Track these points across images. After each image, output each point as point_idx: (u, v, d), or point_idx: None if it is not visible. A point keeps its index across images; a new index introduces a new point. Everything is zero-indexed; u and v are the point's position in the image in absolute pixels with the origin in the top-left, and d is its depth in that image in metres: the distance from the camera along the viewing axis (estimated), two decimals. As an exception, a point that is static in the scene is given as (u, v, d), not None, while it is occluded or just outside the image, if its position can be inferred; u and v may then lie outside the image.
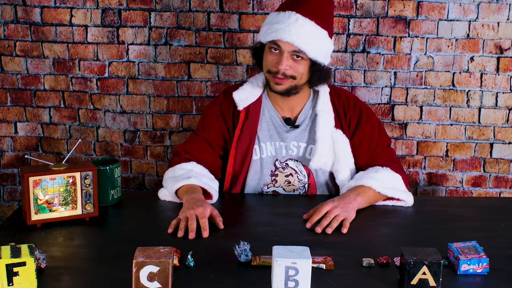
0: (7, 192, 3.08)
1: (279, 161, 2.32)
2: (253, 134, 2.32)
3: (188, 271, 1.65)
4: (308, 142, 2.32)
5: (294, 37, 2.14)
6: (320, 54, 2.20)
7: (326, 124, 2.29)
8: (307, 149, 2.32)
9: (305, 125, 2.34)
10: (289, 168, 2.33)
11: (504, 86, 2.86)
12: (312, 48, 2.16)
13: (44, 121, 2.99)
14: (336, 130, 2.31)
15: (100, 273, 1.65)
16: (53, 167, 1.98)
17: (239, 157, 2.33)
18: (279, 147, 2.33)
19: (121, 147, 3.00)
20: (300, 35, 2.14)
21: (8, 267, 1.50)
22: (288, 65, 2.18)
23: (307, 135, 2.33)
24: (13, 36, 2.90)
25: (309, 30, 2.17)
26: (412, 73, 2.86)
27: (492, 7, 2.78)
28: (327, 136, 2.29)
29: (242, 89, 2.33)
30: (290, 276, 1.50)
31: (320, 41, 2.20)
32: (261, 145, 2.33)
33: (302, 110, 2.35)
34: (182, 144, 2.39)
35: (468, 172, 2.96)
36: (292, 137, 2.32)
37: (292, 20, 2.17)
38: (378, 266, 1.70)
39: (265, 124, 2.34)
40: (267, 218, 2.10)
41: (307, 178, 2.32)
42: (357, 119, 2.34)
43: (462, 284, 1.63)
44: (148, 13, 2.85)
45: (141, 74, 2.92)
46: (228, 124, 2.35)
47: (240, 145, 2.32)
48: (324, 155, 2.28)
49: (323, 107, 2.31)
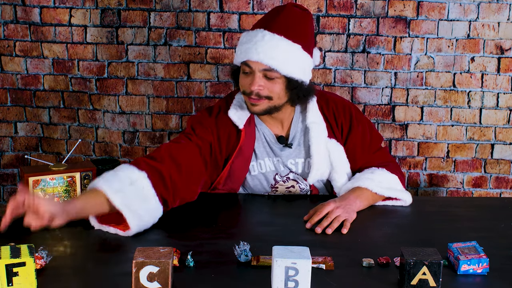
0: (7, 192, 3.08)
1: (279, 175, 2.29)
2: (250, 151, 2.23)
3: (188, 271, 1.65)
4: (305, 156, 2.26)
5: (261, 55, 2.01)
6: (295, 69, 2.06)
7: (319, 136, 2.21)
8: (305, 164, 2.27)
9: (298, 140, 2.26)
10: (291, 181, 2.30)
11: (505, 86, 2.86)
12: (283, 65, 2.03)
13: (44, 121, 2.99)
14: (330, 140, 2.23)
15: (100, 273, 1.65)
16: (53, 167, 1.97)
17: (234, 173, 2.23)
18: (277, 163, 2.26)
19: (120, 147, 3.00)
20: (267, 52, 2.01)
21: (7, 267, 1.49)
22: (261, 85, 2.05)
23: (303, 150, 2.26)
24: (12, 36, 2.90)
25: (278, 45, 2.03)
26: (413, 74, 2.86)
27: (492, 7, 2.77)
28: (322, 148, 2.21)
29: (234, 109, 2.19)
30: (290, 276, 1.50)
31: (294, 56, 2.06)
32: (259, 162, 2.26)
33: (292, 125, 2.25)
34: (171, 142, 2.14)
35: (469, 173, 2.96)
36: (287, 155, 2.26)
37: (258, 37, 2.04)
38: (378, 266, 1.70)
39: (261, 141, 2.25)
40: (267, 218, 2.09)
41: (308, 186, 2.30)
42: (348, 124, 2.26)
43: (462, 284, 1.63)
44: (147, 13, 2.85)
45: (141, 75, 2.91)
46: (221, 143, 2.18)
47: (237, 162, 2.21)
48: (321, 167, 2.23)
49: (314, 119, 2.21)
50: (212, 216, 2.10)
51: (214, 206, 2.16)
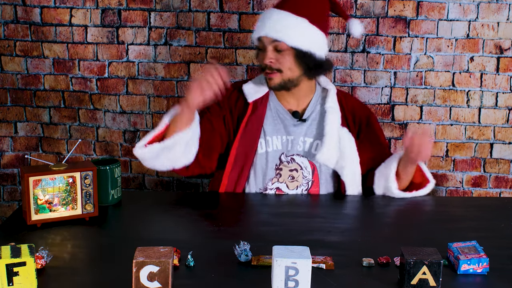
0: (7, 192, 3.08)
1: (285, 155, 2.34)
2: (259, 127, 2.33)
3: (188, 271, 1.65)
4: (315, 137, 2.35)
5: (268, 30, 2.21)
6: (302, 41, 2.22)
7: (335, 120, 2.33)
8: (313, 144, 2.35)
9: (312, 120, 2.37)
10: (295, 163, 2.34)
11: (504, 86, 2.86)
12: (289, 36, 2.20)
13: (44, 121, 2.99)
14: (342, 128, 2.34)
15: (100, 273, 1.65)
16: (53, 167, 1.97)
17: (243, 149, 2.33)
18: (286, 142, 2.35)
19: (121, 147, 3.00)
20: (274, 26, 2.21)
21: (8, 267, 1.50)
22: (271, 57, 2.23)
23: (315, 130, 2.36)
24: (13, 36, 2.90)
25: (283, 19, 2.22)
26: (412, 73, 2.86)
27: (492, 7, 2.78)
28: (335, 132, 2.32)
29: (252, 83, 2.39)
30: (290, 276, 1.50)
31: (300, 29, 2.22)
32: (267, 139, 2.34)
33: (309, 105, 2.38)
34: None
35: (468, 172, 2.96)
36: (299, 132, 2.35)
37: (267, 15, 2.26)
38: (378, 266, 1.70)
39: (271, 118, 2.36)
40: (267, 218, 2.10)
41: (311, 175, 2.33)
42: (366, 121, 2.41)
43: (462, 284, 1.63)
44: (148, 13, 2.85)
45: (141, 74, 2.92)
46: (233, 115, 2.36)
47: (245, 137, 2.33)
48: (331, 149, 2.31)
49: (332, 104, 2.35)
50: (212, 216, 2.11)
51: (214, 206, 2.16)
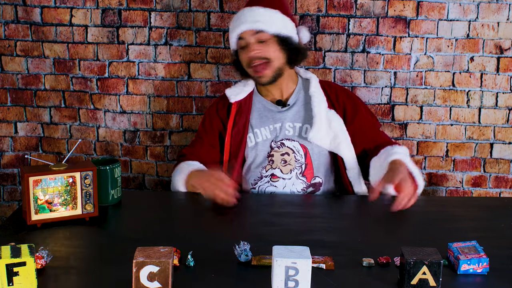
0: (7, 192, 3.08)
1: (274, 141, 2.41)
2: (246, 124, 2.42)
3: (188, 271, 1.65)
4: (303, 121, 2.42)
5: (248, 24, 2.32)
6: (281, 28, 2.33)
7: (321, 103, 2.40)
8: (303, 128, 2.41)
9: (299, 106, 2.44)
10: (285, 147, 2.39)
11: (504, 86, 2.86)
12: (268, 24, 2.31)
13: (44, 121, 2.99)
14: (329, 110, 2.41)
15: (100, 273, 1.65)
16: (53, 167, 1.97)
17: (234, 147, 2.42)
18: (273, 130, 2.42)
19: (121, 147, 3.00)
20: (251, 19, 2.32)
21: (8, 267, 1.50)
22: (256, 49, 2.33)
23: (303, 115, 2.42)
24: (13, 36, 2.90)
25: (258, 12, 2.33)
26: (412, 73, 2.86)
27: (492, 7, 2.78)
28: (323, 114, 2.38)
29: (234, 86, 2.49)
30: (290, 276, 1.50)
31: (275, 17, 2.33)
32: (255, 132, 2.42)
33: (293, 93, 2.46)
34: (188, 148, 2.49)
35: (468, 172, 2.96)
36: (286, 118, 2.42)
37: (241, 14, 2.37)
38: (378, 266, 1.70)
39: (257, 112, 2.45)
40: (267, 218, 2.10)
41: (304, 158, 2.38)
42: (352, 105, 2.45)
43: (462, 284, 1.63)
44: (148, 13, 2.85)
45: (141, 74, 2.92)
46: (222, 119, 2.48)
47: (234, 136, 2.42)
48: (322, 129, 2.36)
49: (316, 89, 2.43)
50: (212, 216, 2.11)
51: (214, 206, 2.16)
